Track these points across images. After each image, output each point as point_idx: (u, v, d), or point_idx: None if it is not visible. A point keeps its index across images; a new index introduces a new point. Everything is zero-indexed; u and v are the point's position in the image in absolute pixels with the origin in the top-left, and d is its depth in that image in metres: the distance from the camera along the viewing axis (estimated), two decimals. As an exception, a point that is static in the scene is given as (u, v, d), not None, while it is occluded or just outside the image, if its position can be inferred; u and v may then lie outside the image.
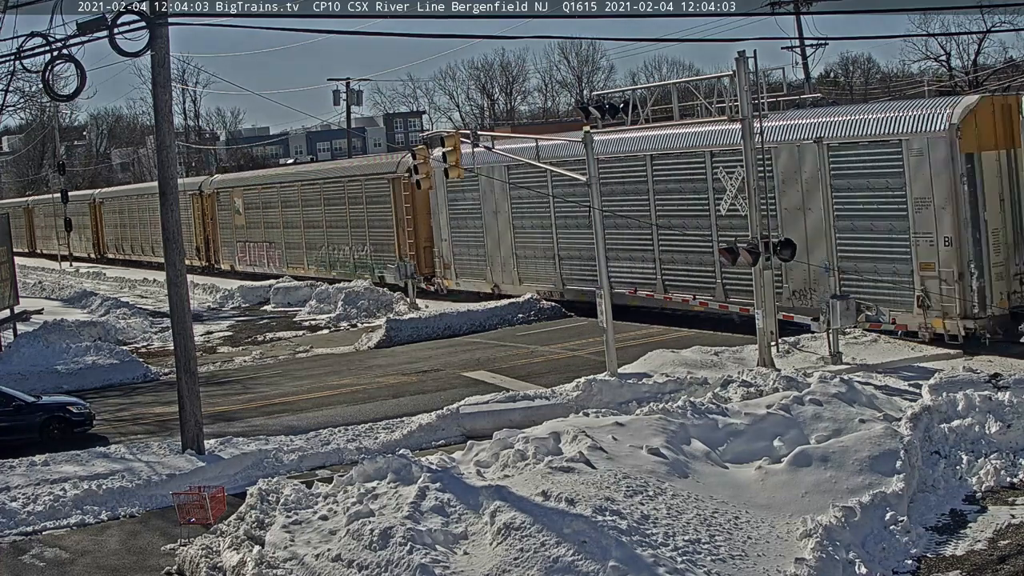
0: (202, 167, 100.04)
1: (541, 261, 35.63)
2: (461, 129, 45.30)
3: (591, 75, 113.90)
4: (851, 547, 13.72)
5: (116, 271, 64.90)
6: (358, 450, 20.19)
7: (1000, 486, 15.90)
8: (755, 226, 23.27)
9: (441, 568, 12.87)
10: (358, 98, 74.75)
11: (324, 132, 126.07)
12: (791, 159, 26.61)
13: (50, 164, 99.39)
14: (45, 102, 64.43)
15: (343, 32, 55.53)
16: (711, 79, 25.55)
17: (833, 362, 23.24)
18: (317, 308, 40.54)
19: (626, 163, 31.53)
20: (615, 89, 36.00)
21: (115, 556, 16.12)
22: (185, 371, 20.18)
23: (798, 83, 53.05)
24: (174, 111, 21.70)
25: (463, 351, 30.28)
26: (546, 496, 14.12)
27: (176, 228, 20.27)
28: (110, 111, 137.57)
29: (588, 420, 17.96)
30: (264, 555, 13.96)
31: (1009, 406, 17.29)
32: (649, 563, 12.72)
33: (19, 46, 19.62)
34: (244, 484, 18.28)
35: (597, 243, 24.40)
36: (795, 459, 15.95)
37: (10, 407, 22.78)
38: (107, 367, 29.98)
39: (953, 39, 69.31)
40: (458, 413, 21.54)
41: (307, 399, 25.68)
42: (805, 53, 53.30)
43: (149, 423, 24.43)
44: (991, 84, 56.78)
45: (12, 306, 35.42)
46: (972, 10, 53.95)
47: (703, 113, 25.04)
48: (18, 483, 18.61)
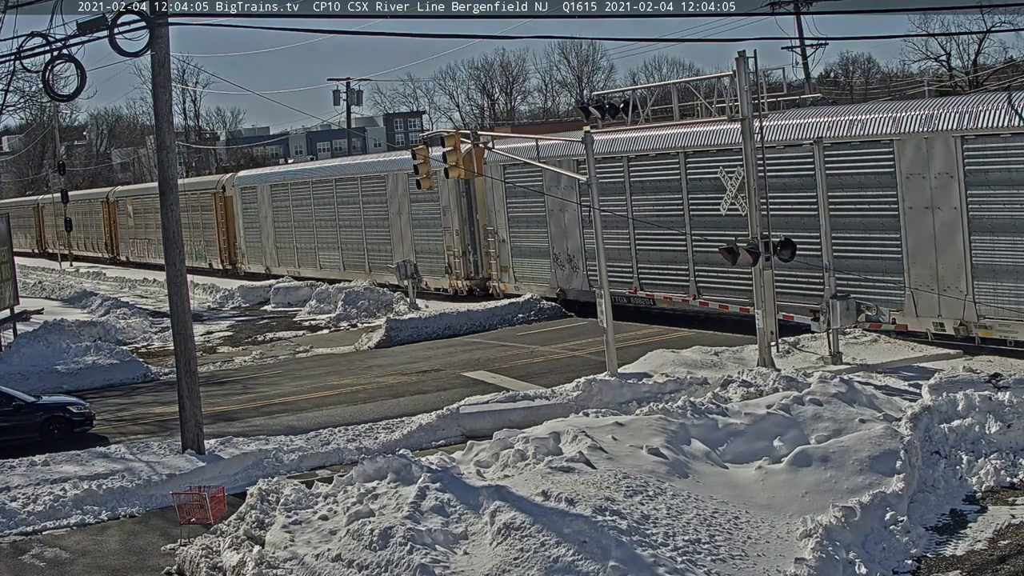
0: (202, 167, 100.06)
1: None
2: (461, 129, 45.17)
3: (591, 75, 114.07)
4: (851, 547, 13.73)
5: (117, 271, 64.87)
6: (358, 450, 20.19)
7: (1000, 486, 15.90)
8: (755, 226, 23.28)
9: (441, 568, 12.87)
10: (358, 98, 74.86)
11: (324, 132, 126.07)
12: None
13: (50, 164, 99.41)
14: (45, 102, 64.56)
15: (343, 32, 55.50)
16: (711, 79, 25.52)
17: (833, 362, 23.24)
18: (317, 308, 40.56)
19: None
20: (615, 89, 36.00)
21: (115, 556, 16.12)
22: (185, 371, 20.18)
23: (798, 83, 53.05)
24: (174, 111, 21.70)
25: (463, 351, 30.28)
26: (546, 496, 14.12)
27: (176, 228, 20.27)
28: (110, 111, 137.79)
29: (588, 420, 17.96)
30: (264, 555, 13.97)
31: (1009, 406, 17.29)
32: (649, 563, 12.72)
33: (19, 46, 19.63)
34: (244, 484, 18.29)
35: (597, 243, 24.41)
36: (795, 459, 15.96)
37: (10, 407, 22.79)
38: (107, 367, 29.99)
39: (953, 39, 69.38)
40: (458, 413, 21.54)
41: (307, 399, 25.68)
42: (805, 53, 53.29)
43: (149, 423, 24.43)
44: (991, 84, 56.75)
45: (12, 306, 35.43)
46: (972, 10, 53.95)
47: (703, 113, 25.00)
48: (18, 483, 18.61)
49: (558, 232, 35.33)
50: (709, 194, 29.20)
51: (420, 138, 63.49)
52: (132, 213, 68.25)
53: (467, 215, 39.72)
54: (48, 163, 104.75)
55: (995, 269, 23.19)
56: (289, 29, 31.77)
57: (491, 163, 34.47)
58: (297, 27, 32.52)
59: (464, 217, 39.72)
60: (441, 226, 40.83)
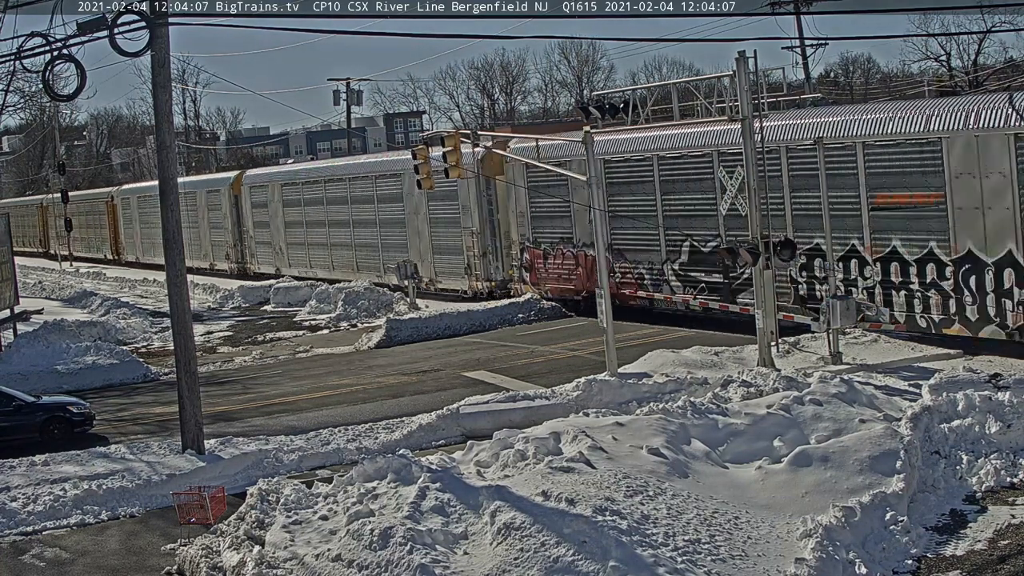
0: (202, 167, 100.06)
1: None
2: (461, 129, 45.07)
3: (591, 75, 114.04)
4: (851, 547, 13.72)
5: (117, 271, 64.88)
6: (358, 450, 20.19)
7: (1000, 486, 15.89)
8: (755, 226, 23.28)
9: (441, 568, 12.87)
10: (358, 98, 74.81)
11: (324, 132, 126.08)
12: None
13: (50, 164, 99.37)
14: (45, 102, 64.48)
15: (343, 32, 55.38)
16: (711, 79, 25.52)
17: (833, 362, 23.24)
18: (317, 308, 40.56)
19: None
20: (615, 89, 35.95)
21: (115, 556, 16.12)
22: (185, 371, 20.18)
23: (798, 83, 53.07)
24: (174, 111, 21.70)
25: (463, 351, 30.28)
26: (546, 496, 14.12)
27: (176, 228, 20.28)
28: (110, 111, 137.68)
29: (588, 420, 17.96)
30: (264, 555, 13.97)
31: (1009, 406, 17.28)
32: (649, 563, 12.72)
33: (19, 46, 19.62)
34: (244, 484, 18.29)
35: (597, 243, 24.41)
36: (795, 459, 15.95)
37: (10, 407, 22.79)
38: (107, 367, 29.99)
39: (953, 39, 69.42)
40: (458, 413, 21.54)
41: (307, 399, 25.68)
42: (805, 53, 53.34)
43: (149, 423, 24.43)
44: (991, 84, 56.74)
45: (12, 306, 35.43)
46: (972, 10, 53.96)
47: (703, 113, 25.00)
48: (18, 483, 18.61)
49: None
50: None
51: (420, 138, 63.28)
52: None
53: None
54: (48, 163, 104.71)
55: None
56: (289, 29, 31.81)
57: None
58: (297, 27, 32.57)
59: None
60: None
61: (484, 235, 38.94)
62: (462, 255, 40.01)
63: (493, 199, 38.75)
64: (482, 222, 38.97)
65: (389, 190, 44.24)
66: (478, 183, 37.47)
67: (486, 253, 39.04)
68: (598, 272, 24.47)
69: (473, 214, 39.15)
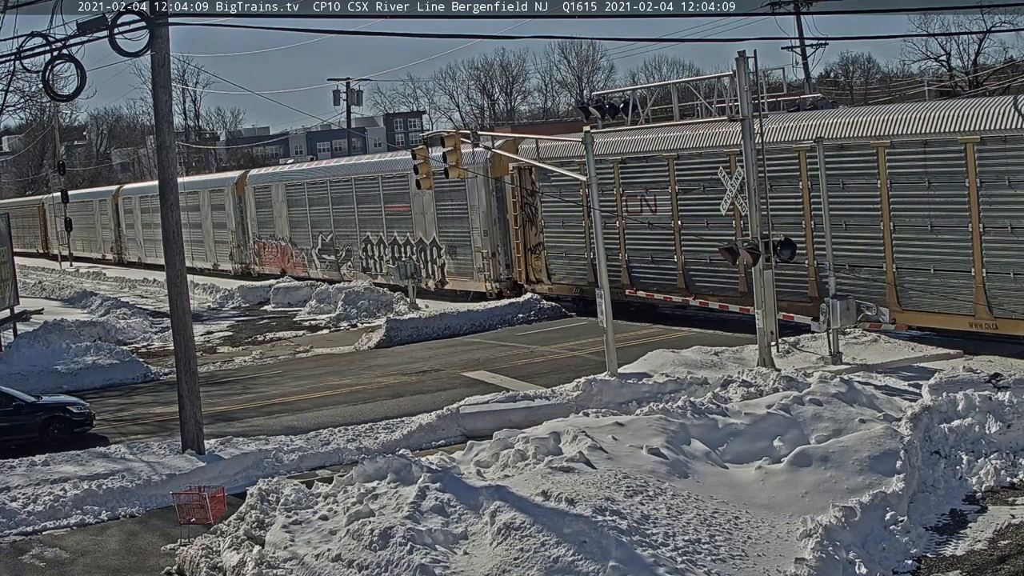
0: (202, 167, 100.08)
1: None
2: (461, 129, 45.01)
3: (591, 75, 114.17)
4: (851, 547, 13.72)
5: (117, 271, 64.86)
6: (358, 450, 20.19)
7: (1000, 486, 15.90)
8: (755, 226, 23.28)
9: (441, 568, 12.87)
10: (358, 98, 74.78)
11: (324, 132, 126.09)
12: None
13: (50, 164, 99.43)
14: (45, 102, 64.45)
15: (343, 32, 55.65)
16: (711, 79, 25.53)
17: (833, 362, 23.24)
18: (317, 308, 40.54)
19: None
20: (615, 89, 35.85)
21: (115, 556, 16.12)
22: (185, 371, 20.18)
23: (798, 83, 53.07)
24: (174, 111, 21.71)
25: (463, 351, 30.27)
26: (546, 496, 14.12)
27: (176, 228, 20.28)
28: (110, 111, 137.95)
29: (588, 420, 17.96)
30: (264, 555, 13.96)
31: (1009, 406, 17.28)
32: (649, 563, 12.72)
33: (19, 46, 19.58)
34: (244, 484, 18.28)
35: (597, 242, 24.41)
36: (795, 459, 15.95)
37: (10, 407, 22.78)
38: (107, 367, 29.98)
39: (953, 39, 69.40)
40: (458, 413, 21.54)
41: (307, 399, 25.68)
42: (805, 53, 53.30)
43: (149, 423, 24.43)
44: (991, 84, 56.76)
45: (12, 306, 35.43)
46: (972, 10, 53.95)
47: (703, 113, 25.02)
48: (18, 483, 18.61)
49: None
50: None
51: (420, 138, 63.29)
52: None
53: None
54: (48, 163, 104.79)
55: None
56: (289, 29, 31.78)
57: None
58: (297, 27, 32.50)
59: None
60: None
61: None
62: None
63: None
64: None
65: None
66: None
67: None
68: (598, 272, 24.46)
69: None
